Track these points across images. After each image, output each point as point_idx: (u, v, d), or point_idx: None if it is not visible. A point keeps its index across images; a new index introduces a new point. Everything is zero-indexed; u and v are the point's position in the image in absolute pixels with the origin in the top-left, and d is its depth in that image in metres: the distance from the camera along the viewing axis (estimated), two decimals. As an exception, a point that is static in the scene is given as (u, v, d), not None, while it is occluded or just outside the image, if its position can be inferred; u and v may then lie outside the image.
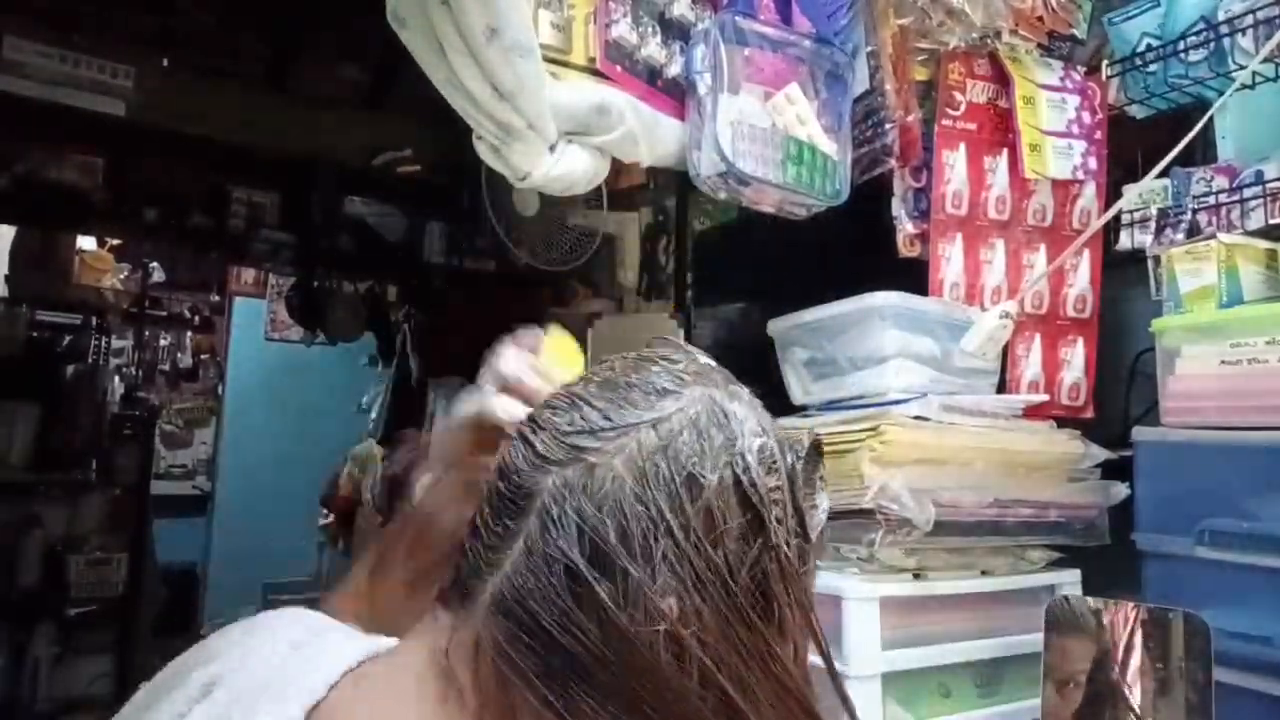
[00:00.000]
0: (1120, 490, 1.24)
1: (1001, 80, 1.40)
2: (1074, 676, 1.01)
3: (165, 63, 2.88)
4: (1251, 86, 1.25)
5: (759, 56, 1.26)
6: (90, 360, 3.80)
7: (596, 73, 1.19)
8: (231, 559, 4.97)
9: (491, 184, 2.19)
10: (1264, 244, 1.18)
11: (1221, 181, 1.27)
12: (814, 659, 0.54)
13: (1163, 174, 1.28)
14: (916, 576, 1.15)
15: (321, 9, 2.62)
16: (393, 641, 0.54)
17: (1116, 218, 1.36)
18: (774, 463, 0.51)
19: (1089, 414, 1.41)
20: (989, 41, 1.39)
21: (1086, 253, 1.41)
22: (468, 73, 1.04)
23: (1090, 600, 1.04)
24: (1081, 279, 1.43)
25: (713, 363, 0.56)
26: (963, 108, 1.38)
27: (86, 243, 4.05)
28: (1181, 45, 1.31)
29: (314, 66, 3.02)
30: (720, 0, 1.30)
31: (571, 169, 1.17)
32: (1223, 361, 1.09)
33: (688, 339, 2.26)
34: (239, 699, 0.49)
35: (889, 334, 1.23)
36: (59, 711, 3.17)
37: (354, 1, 1.32)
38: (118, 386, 4.25)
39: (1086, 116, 1.41)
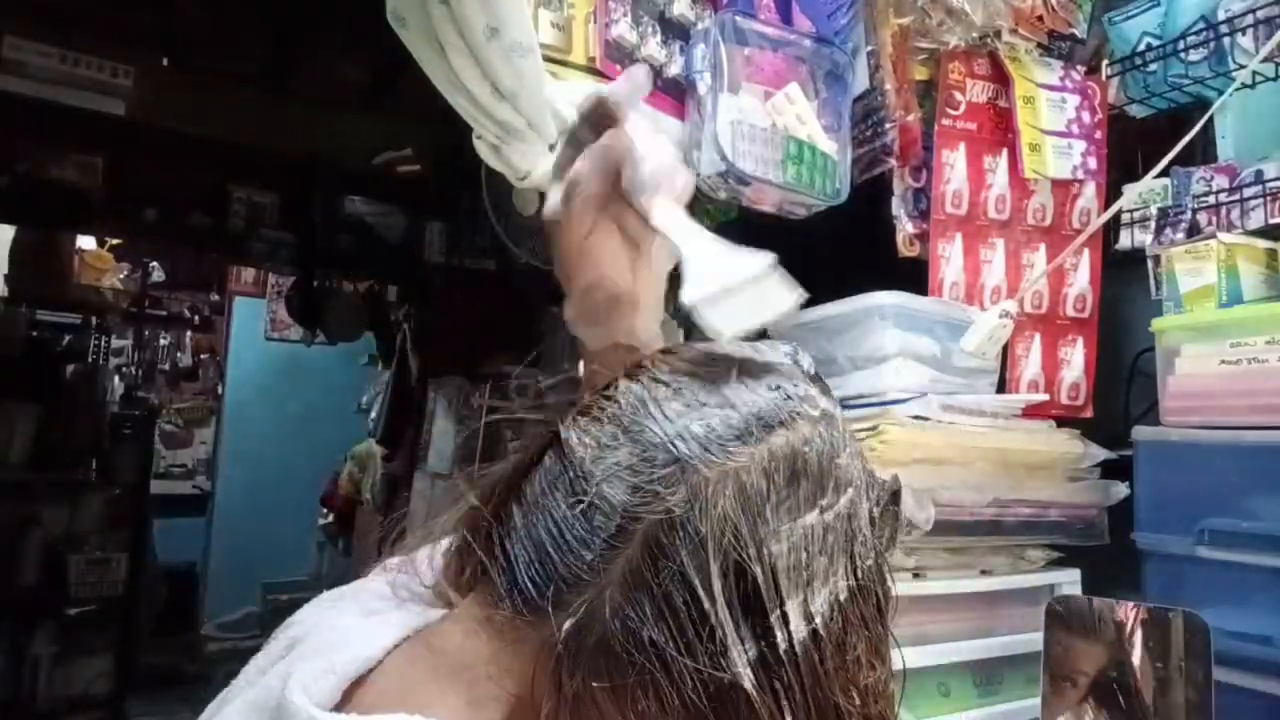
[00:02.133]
0: (1120, 490, 1.24)
1: (1001, 80, 1.40)
2: (1073, 675, 1.02)
3: (165, 63, 2.88)
4: (1251, 86, 1.25)
5: (759, 56, 1.26)
6: (90, 360, 3.81)
7: (596, 72, 1.19)
8: (231, 558, 4.98)
9: (491, 184, 2.18)
10: (1264, 244, 1.18)
11: (1221, 181, 1.27)
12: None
13: (1163, 173, 1.28)
14: (916, 576, 1.15)
15: (321, 9, 2.61)
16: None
17: (1116, 217, 1.36)
18: (882, 509, 0.51)
19: (1089, 414, 1.40)
20: (989, 41, 1.39)
21: (1086, 252, 1.42)
22: (468, 72, 1.03)
23: (1090, 599, 1.04)
24: (1081, 279, 1.43)
25: (807, 373, 0.53)
26: (963, 107, 1.39)
27: (86, 242, 4.05)
28: (1181, 45, 1.31)
29: (314, 66, 3.02)
30: (720, 0, 1.30)
31: (571, 168, 1.17)
32: (1223, 361, 1.09)
33: (687, 339, 2.26)
34: (304, 658, 0.51)
35: (889, 334, 1.23)
36: (59, 711, 3.18)
37: (354, 1, 1.32)
38: (118, 386, 4.25)
39: (1086, 116, 1.41)
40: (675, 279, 0.65)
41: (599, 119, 0.70)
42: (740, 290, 0.58)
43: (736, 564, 0.44)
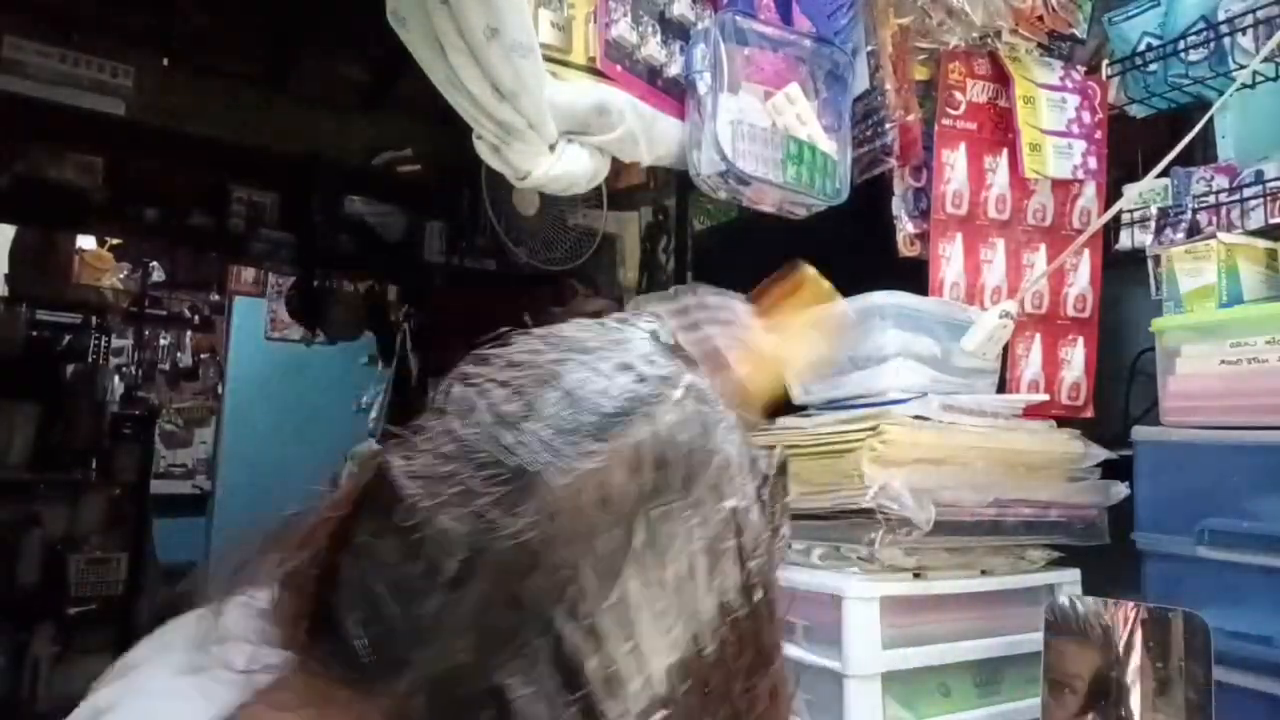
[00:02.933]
0: (1120, 490, 1.24)
1: (1002, 80, 1.40)
2: (1071, 680, 1.01)
3: (165, 63, 2.88)
4: (1252, 86, 1.25)
5: (759, 56, 1.26)
6: (90, 360, 3.80)
7: (596, 72, 1.19)
8: (231, 559, 4.97)
9: (491, 184, 2.19)
10: (1264, 244, 1.18)
11: (1221, 181, 1.27)
12: (812, 657, 0.50)
13: (1163, 173, 1.28)
14: (917, 576, 1.15)
15: (321, 9, 2.61)
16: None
17: (1116, 217, 1.36)
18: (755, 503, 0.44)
19: (1089, 414, 1.40)
20: (989, 41, 1.39)
21: (1086, 252, 1.41)
22: (468, 72, 1.04)
23: (1090, 600, 1.04)
24: (1081, 279, 1.43)
25: (667, 335, 0.46)
26: (963, 107, 1.38)
27: (86, 242, 4.05)
28: (1181, 45, 1.31)
29: (314, 66, 3.01)
30: (720, 0, 1.30)
31: (571, 168, 1.17)
32: (1223, 361, 1.09)
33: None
34: None
35: (889, 333, 1.23)
36: (59, 711, 3.13)
37: (354, 1, 1.32)
38: (118, 386, 4.25)
39: (1086, 116, 1.41)
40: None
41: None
42: None
43: (603, 583, 0.38)
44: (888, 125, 1.32)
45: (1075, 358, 1.41)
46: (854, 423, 1.16)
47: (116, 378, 4.30)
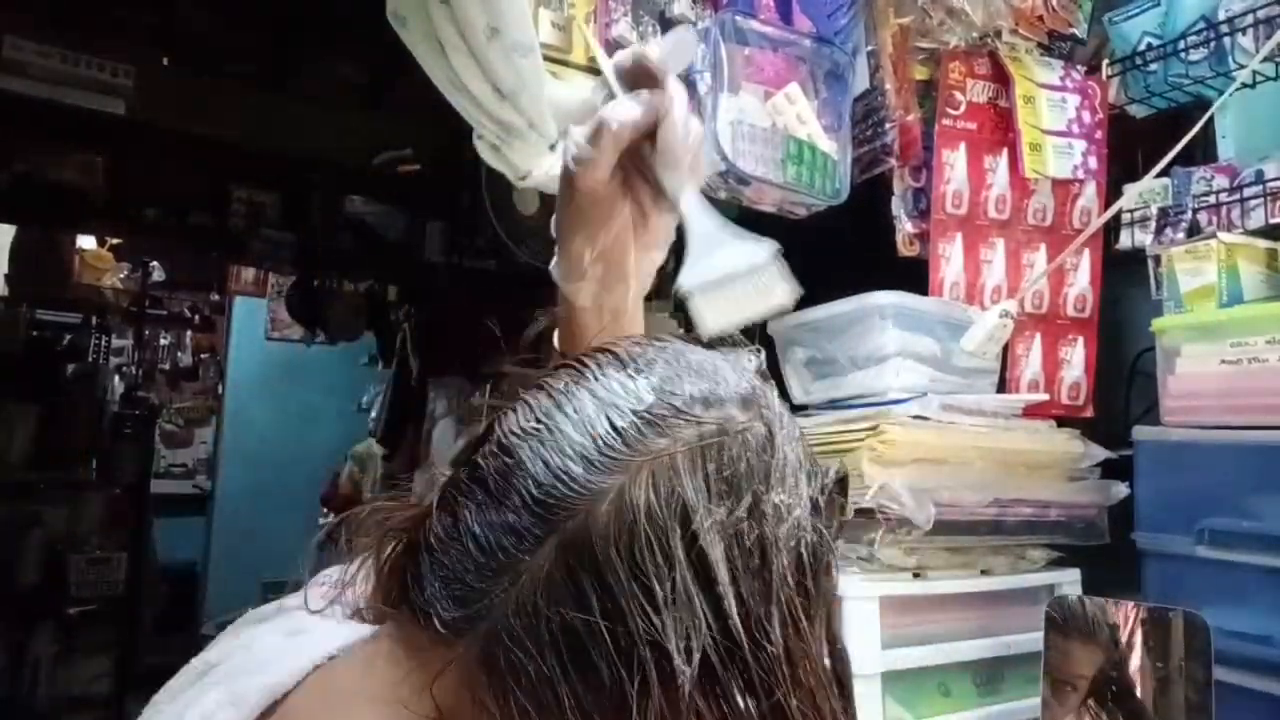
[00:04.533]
0: (1120, 490, 1.24)
1: (1002, 80, 1.40)
2: (1073, 679, 1.02)
3: (165, 62, 2.88)
4: (1252, 86, 1.25)
5: (759, 56, 1.26)
6: (90, 360, 3.80)
7: (596, 72, 1.19)
8: (231, 558, 4.96)
9: (491, 184, 2.18)
10: (1264, 243, 1.19)
11: (1222, 181, 1.28)
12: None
13: (1163, 173, 1.28)
14: (916, 576, 1.15)
15: (321, 9, 2.61)
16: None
17: (1117, 217, 1.36)
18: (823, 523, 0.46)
19: (1089, 413, 1.41)
20: (989, 41, 1.39)
21: (1087, 252, 1.41)
22: (468, 72, 1.04)
23: (1090, 600, 1.04)
24: (1082, 278, 1.43)
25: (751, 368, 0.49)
26: (963, 107, 1.38)
27: (86, 242, 4.04)
28: (1182, 44, 1.31)
29: (314, 66, 3.01)
30: (720, 0, 1.30)
31: (572, 168, 1.16)
32: (1223, 361, 1.09)
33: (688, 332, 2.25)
34: (211, 686, 0.49)
35: (889, 333, 1.23)
36: (59, 711, 3.17)
37: (354, 1, 1.32)
38: (118, 386, 4.25)
39: (1087, 116, 1.41)
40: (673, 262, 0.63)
41: (637, 78, 0.60)
42: (737, 282, 0.57)
43: (663, 563, 0.39)
44: (888, 125, 1.32)
45: (1075, 357, 1.41)
46: (854, 422, 1.16)
47: (116, 378, 4.30)
